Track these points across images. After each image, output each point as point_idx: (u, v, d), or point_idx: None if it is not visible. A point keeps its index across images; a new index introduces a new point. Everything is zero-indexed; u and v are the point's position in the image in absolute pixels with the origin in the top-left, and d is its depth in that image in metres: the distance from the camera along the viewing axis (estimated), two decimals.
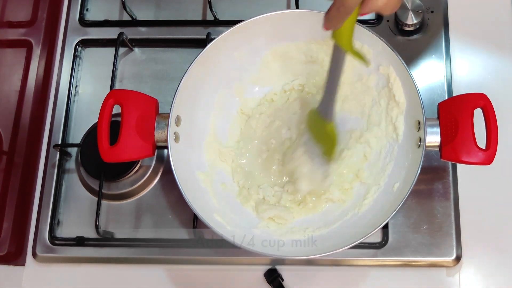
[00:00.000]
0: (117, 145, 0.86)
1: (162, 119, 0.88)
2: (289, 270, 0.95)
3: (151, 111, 0.89)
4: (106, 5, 1.12)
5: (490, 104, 0.83)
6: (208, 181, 0.93)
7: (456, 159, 0.83)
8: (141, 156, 0.88)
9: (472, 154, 0.82)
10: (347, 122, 0.97)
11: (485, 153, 0.82)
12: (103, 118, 0.86)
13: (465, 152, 0.82)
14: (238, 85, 0.99)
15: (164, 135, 0.87)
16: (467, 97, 0.85)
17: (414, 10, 1.01)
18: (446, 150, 0.84)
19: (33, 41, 1.08)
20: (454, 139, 0.83)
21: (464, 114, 0.83)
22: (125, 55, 1.08)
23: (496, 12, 1.06)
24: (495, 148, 0.81)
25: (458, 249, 0.93)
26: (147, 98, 0.90)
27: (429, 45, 1.03)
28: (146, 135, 0.87)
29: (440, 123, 0.85)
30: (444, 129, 0.84)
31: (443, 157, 0.84)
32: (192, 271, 0.97)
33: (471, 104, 0.84)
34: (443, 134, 0.84)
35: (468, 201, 0.96)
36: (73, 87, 1.06)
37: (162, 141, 0.88)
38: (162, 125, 0.88)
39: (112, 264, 0.98)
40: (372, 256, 0.94)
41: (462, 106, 0.84)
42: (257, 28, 0.93)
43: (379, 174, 0.92)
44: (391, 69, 0.90)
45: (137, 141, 0.87)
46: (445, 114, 0.85)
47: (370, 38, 0.89)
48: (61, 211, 1.00)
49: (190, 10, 1.10)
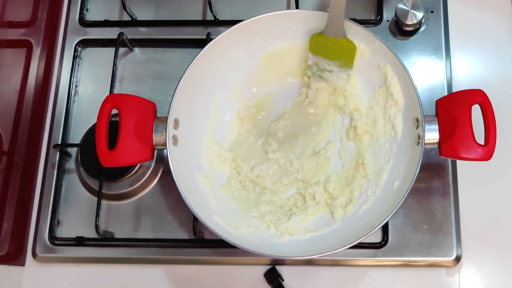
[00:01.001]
0: (115, 149, 0.86)
1: (160, 122, 0.88)
2: (289, 270, 0.95)
3: (149, 115, 0.89)
4: (106, 5, 1.12)
5: (487, 100, 0.83)
6: (207, 183, 0.93)
7: (455, 155, 0.83)
8: (140, 160, 0.88)
9: (471, 150, 0.82)
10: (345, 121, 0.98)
11: (484, 148, 0.82)
12: (101, 123, 0.86)
13: (464, 148, 0.82)
14: (236, 87, 0.99)
15: (162, 139, 0.87)
16: (464, 94, 0.85)
17: (414, 10, 1.01)
18: (445, 147, 0.84)
19: (33, 41, 1.08)
20: (452, 136, 0.83)
21: (462, 111, 0.83)
22: (125, 55, 1.08)
23: (496, 12, 1.06)
24: (493, 143, 0.81)
25: (458, 249, 0.94)
26: (145, 101, 0.90)
27: (429, 45, 1.03)
28: (144, 139, 0.87)
29: (438, 120, 0.85)
30: (442, 126, 0.84)
31: (442, 154, 0.84)
32: (192, 271, 0.97)
33: (469, 100, 0.84)
34: (442, 131, 0.84)
35: (468, 201, 0.96)
36: (73, 87, 1.06)
37: (161, 145, 0.88)
38: (161, 129, 0.88)
39: (112, 264, 0.98)
40: (372, 256, 0.94)
41: (460, 103, 0.84)
42: (256, 28, 0.93)
43: (378, 172, 0.92)
44: (388, 68, 0.90)
45: (135, 145, 0.86)
46: (443, 111, 0.85)
47: (366, 37, 0.90)
48: (61, 211, 1.00)
49: (190, 10, 1.10)
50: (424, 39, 1.04)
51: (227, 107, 0.99)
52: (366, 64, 0.94)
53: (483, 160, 0.82)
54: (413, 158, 0.86)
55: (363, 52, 0.92)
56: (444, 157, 0.84)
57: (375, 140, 0.95)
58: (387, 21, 1.05)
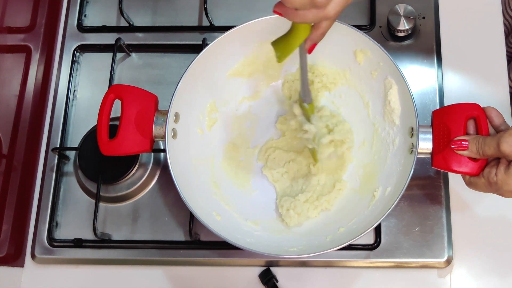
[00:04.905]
0: (116, 139, 0.87)
1: (161, 115, 0.89)
2: (283, 271, 0.96)
3: (151, 107, 0.90)
4: (104, 11, 1.13)
5: (483, 114, 0.83)
6: (205, 178, 0.94)
7: (446, 167, 0.83)
8: (139, 150, 0.89)
9: (463, 164, 0.82)
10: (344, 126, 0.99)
11: (475, 163, 0.82)
12: (103, 112, 0.87)
13: (455, 161, 0.82)
14: (233, 87, 1.00)
15: (162, 131, 0.88)
16: (461, 107, 0.85)
17: (406, 16, 1.02)
18: (437, 159, 0.84)
19: (32, 46, 1.08)
20: (445, 149, 0.83)
21: (457, 123, 0.84)
22: (123, 60, 1.09)
23: (487, 17, 1.07)
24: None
25: (450, 250, 0.94)
26: (147, 94, 0.90)
27: (420, 50, 1.04)
28: (144, 130, 0.88)
29: (433, 131, 0.85)
30: (436, 137, 0.85)
31: (434, 165, 0.85)
32: (188, 272, 0.97)
33: (465, 113, 0.84)
34: (436, 142, 0.85)
35: (459, 204, 0.97)
36: (71, 91, 1.07)
37: (160, 137, 0.89)
38: (161, 121, 0.89)
39: (110, 265, 0.99)
40: (365, 258, 0.95)
41: (456, 116, 0.84)
42: (251, 32, 0.93)
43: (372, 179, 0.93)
44: (389, 77, 0.91)
45: (135, 136, 0.87)
46: (438, 122, 0.85)
47: (369, 45, 0.91)
48: (60, 213, 1.01)
49: (186, 16, 1.11)
50: (416, 44, 1.05)
51: (224, 106, 1.00)
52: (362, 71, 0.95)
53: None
54: (406, 166, 0.86)
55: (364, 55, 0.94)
56: (436, 168, 0.85)
57: (369, 147, 0.96)
58: (379, 27, 1.06)
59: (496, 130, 0.83)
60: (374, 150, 0.95)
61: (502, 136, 0.76)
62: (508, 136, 0.76)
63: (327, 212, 0.94)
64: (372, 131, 0.96)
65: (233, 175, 0.98)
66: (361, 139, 0.97)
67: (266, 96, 1.02)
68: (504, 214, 0.97)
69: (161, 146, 1.03)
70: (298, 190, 0.96)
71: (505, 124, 0.82)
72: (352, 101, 0.99)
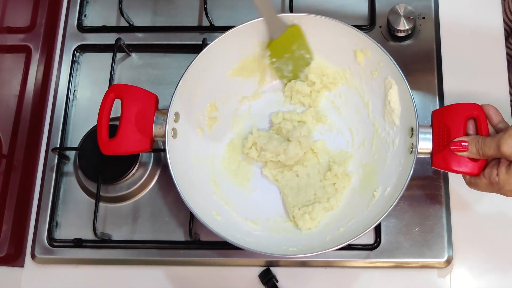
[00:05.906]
0: (116, 138, 0.87)
1: (161, 114, 0.89)
2: (283, 271, 0.96)
3: (151, 106, 0.90)
4: (104, 11, 1.13)
5: (483, 114, 0.83)
6: (205, 178, 0.94)
7: (446, 167, 0.83)
8: (138, 150, 0.89)
9: (462, 164, 0.82)
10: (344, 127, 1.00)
11: (474, 163, 0.82)
12: (103, 111, 0.87)
13: (455, 161, 0.82)
14: (233, 87, 1.00)
15: (162, 131, 0.88)
16: (460, 107, 0.85)
17: (406, 16, 1.03)
18: (437, 159, 0.84)
19: (32, 46, 1.08)
20: (445, 148, 0.83)
21: (457, 124, 0.84)
22: (122, 60, 1.09)
23: (487, 17, 1.07)
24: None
25: (450, 250, 0.95)
26: (147, 93, 0.91)
27: (420, 50, 1.04)
28: (144, 130, 0.88)
29: (433, 130, 0.86)
30: (436, 137, 0.85)
31: (433, 164, 0.85)
32: (188, 272, 0.98)
33: (464, 113, 0.84)
34: (435, 142, 0.85)
35: (459, 204, 0.97)
36: (71, 91, 1.07)
37: (160, 137, 0.89)
38: (161, 121, 0.89)
39: (110, 265, 0.99)
40: (365, 258, 0.95)
41: (455, 116, 0.84)
42: (251, 32, 0.94)
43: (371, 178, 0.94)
44: (389, 77, 0.91)
45: (135, 135, 0.88)
46: (438, 122, 0.86)
47: (369, 45, 0.91)
48: (60, 213, 1.01)
49: (186, 16, 1.11)
50: (416, 44, 1.05)
51: (224, 106, 1.00)
52: (362, 71, 0.95)
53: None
54: (406, 166, 0.86)
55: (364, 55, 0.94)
56: (435, 168, 0.85)
57: (369, 147, 0.96)
58: (379, 27, 1.06)
59: (494, 128, 0.83)
60: (374, 150, 0.95)
61: (502, 137, 0.77)
62: (508, 137, 0.76)
63: (329, 212, 0.94)
64: (372, 131, 0.96)
65: (233, 175, 0.98)
66: (361, 139, 0.97)
67: (266, 96, 1.02)
68: (504, 214, 0.97)
69: (161, 146, 1.03)
70: (306, 189, 0.96)
71: (504, 122, 0.82)
72: (352, 101, 0.99)
